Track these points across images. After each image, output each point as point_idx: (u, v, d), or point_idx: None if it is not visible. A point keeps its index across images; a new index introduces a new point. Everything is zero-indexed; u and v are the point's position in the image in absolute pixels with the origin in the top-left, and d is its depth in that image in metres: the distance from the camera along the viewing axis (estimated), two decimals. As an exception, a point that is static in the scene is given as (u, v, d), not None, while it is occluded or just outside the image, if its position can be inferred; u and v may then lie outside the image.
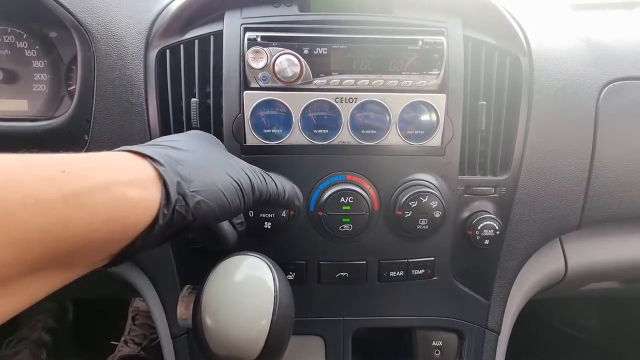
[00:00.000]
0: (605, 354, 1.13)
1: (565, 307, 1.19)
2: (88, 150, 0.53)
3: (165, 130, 0.53)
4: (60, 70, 0.63)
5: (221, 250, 0.55)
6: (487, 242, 0.55)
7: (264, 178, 0.41)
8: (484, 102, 0.55)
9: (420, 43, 0.51)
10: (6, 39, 0.61)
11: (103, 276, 0.68)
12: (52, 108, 0.62)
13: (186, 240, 0.53)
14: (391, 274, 0.55)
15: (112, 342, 1.19)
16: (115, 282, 0.67)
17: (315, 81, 0.50)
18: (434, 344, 0.61)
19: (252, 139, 0.51)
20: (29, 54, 0.62)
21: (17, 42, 0.61)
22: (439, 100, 0.52)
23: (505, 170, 0.57)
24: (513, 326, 0.65)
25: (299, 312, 0.58)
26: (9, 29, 0.61)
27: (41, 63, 0.62)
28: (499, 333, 0.62)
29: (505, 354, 0.64)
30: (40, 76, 0.62)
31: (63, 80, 0.62)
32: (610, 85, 0.59)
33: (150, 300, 0.60)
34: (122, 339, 1.20)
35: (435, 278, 0.57)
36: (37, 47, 0.62)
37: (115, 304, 1.29)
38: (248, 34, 0.49)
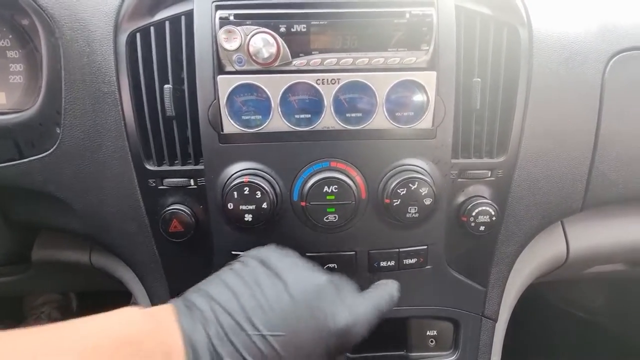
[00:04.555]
0: (610, 335, 1.11)
1: (569, 288, 1.17)
2: (60, 144, 0.51)
3: (140, 121, 0.50)
4: (36, 60, 0.59)
5: (204, 244, 0.54)
6: (482, 228, 0.52)
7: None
8: (479, 79, 0.51)
9: (407, 15, 0.47)
10: (-23, 28, 0.58)
11: (91, 270, 0.67)
12: (31, 100, 0.59)
13: (167, 234, 0.51)
14: (382, 264, 0.53)
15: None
16: (104, 276, 0.66)
17: (294, 62, 0.47)
18: (428, 333, 0.60)
19: (230, 126, 0.48)
20: (3, 43, 0.59)
21: (-12, 32, 0.59)
22: (429, 79, 0.48)
23: (503, 152, 0.53)
24: (513, 309, 0.63)
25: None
26: (-22, 17, 0.58)
27: (16, 53, 0.59)
28: (496, 320, 0.60)
29: (503, 341, 0.62)
30: (15, 67, 0.59)
31: (40, 71, 0.60)
32: (618, 56, 0.55)
33: (137, 292, 0.60)
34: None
35: (428, 267, 0.55)
36: (10, 36, 0.58)
37: (120, 296, 1.32)
38: (220, 12, 0.46)
